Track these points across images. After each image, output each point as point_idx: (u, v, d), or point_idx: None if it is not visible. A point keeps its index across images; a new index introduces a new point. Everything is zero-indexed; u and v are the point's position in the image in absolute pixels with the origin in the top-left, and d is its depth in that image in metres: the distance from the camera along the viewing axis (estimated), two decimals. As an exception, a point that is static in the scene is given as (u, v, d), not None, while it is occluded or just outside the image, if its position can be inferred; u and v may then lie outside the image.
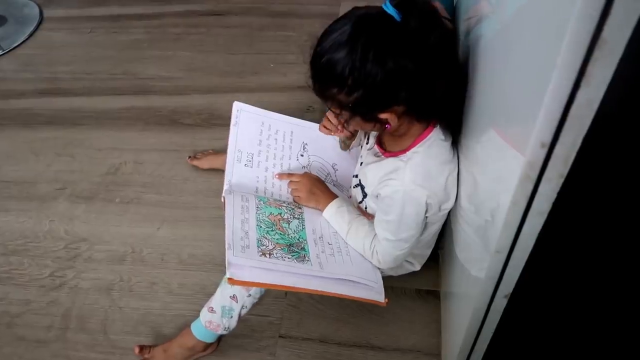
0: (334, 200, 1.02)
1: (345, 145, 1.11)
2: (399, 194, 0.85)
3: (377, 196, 0.92)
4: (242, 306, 0.98)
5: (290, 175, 1.09)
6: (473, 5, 0.95)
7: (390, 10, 0.74)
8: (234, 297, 0.97)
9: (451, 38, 0.82)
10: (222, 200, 0.98)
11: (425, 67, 0.75)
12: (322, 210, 1.03)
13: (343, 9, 1.98)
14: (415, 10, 0.74)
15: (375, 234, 0.95)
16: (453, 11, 1.22)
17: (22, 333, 1.17)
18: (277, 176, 1.09)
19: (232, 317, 0.99)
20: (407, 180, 0.84)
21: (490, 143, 0.67)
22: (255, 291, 0.98)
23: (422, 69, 0.75)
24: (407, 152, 0.87)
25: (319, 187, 1.05)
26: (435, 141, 0.86)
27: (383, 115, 0.80)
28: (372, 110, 0.80)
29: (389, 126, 0.83)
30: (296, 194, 1.06)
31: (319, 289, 0.87)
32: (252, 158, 1.08)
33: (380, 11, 0.75)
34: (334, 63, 0.76)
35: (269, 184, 1.06)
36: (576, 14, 0.35)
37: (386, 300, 0.92)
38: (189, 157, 1.46)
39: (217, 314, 0.99)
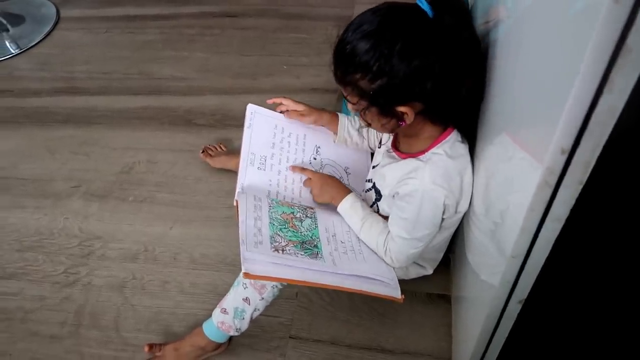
0: (349, 195, 1.01)
1: (339, 140, 1.14)
2: (418, 193, 0.85)
3: (393, 196, 0.92)
4: (255, 308, 0.99)
5: (303, 169, 1.09)
6: (490, 8, 0.95)
7: (424, 5, 0.74)
8: (246, 300, 0.98)
9: (479, 40, 0.82)
10: (235, 203, 0.98)
11: (452, 66, 0.75)
12: (336, 205, 1.01)
13: (357, 12, 1.98)
14: (449, 8, 0.75)
15: (389, 232, 0.94)
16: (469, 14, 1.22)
17: (35, 329, 1.19)
18: (290, 168, 1.09)
19: (243, 318, 0.99)
20: (427, 180, 0.84)
21: (506, 147, 0.67)
22: (268, 294, 0.98)
23: (449, 67, 0.75)
24: (427, 153, 0.87)
25: (331, 184, 1.05)
26: (455, 143, 0.86)
27: (401, 108, 0.80)
28: (392, 101, 0.80)
29: (403, 123, 0.83)
30: (309, 187, 1.06)
31: (334, 284, 0.87)
32: (265, 161, 1.08)
33: (413, 6, 0.75)
34: (361, 48, 0.76)
35: (282, 187, 1.06)
36: (601, 21, 0.35)
37: (402, 296, 0.91)
38: (202, 151, 1.47)
39: (230, 315, 0.99)
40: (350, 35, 0.79)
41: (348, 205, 1.00)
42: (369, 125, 0.89)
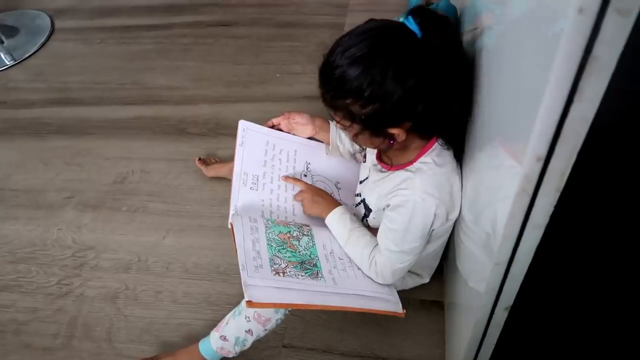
0: (338, 207, 1.00)
1: (332, 150, 1.14)
2: (410, 203, 0.84)
3: (384, 209, 0.91)
4: (257, 337, 0.99)
5: (296, 180, 1.09)
6: (477, 16, 0.95)
7: (413, 26, 0.74)
8: (249, 331, 0.97)
9: (469, 62, 0.81)
10: (230, 226, 0.97)
11: (442, 87, 0.75)
12: (324, 218, 1.01)
13: (349, 20, 2.00)
14: (438, 29, 0.74)
15: (376, 245, 0.93)
16: (457, 22, 1.23)
17: (28, 341, 1.19)
18: (282, 178, 1.09)
19: (245, 345, 0.99)
20: (417, 190, 0.83)
21: (492, 155, 0.67)
22: (271, 326, 0.98)
23: (439, 88, 0.75)
24: (415, 163, 0.87)
25: (321, 195, 1.05)
26: (441, 151, 0.86)
27: (393, 130, 0.80)
28: (384, 124, 0.80)
29: (394, 142, 0.83)
30: (300, 201, 1.06)
31: (338, 305, 0.87)
32: (258, 180, 1.08)
33: (401, 26, 0.75)
34: (352, 73, 0.75)
35: (275, 207, 1.06)
36: (567, 32, 0.36)
37: (404, 310, 0.91)
38: (199, 158, 1.47)
39: (230, 343, 0.99)
40: (338, 59, 0.77)
41: (336, 217, 0.99)
42: (362, 147, 0.88)
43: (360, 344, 1.12)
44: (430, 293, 1.17)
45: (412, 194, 0.84)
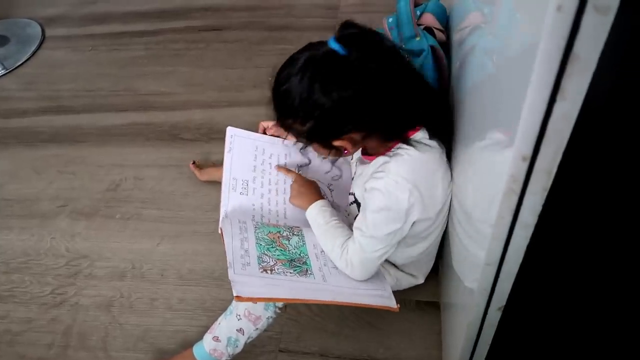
0: (319, 201, 1.00)
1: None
2: (383, 187, 0.84)
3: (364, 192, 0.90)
4: (249, 337, 0.98)
5: (288, 171, 1.10)
6: (466, 15, 0.95)
7: (334, 45, 0.78)
8: (240, 330, 0.97)
9: (399, 62, 0.85)
10: (220, 231, 0.97)
11: (370, 94, 0.79)
12: (306, 210, 1.00)
13: (341, 20, 2.00)
14: (356, 43, 0.78)
15: (352, 237, 0.91)
16: (447, 21, 1.23)
17: (23, 351, 1.18)
18: (276, 168, 1.11)
19: (237, 346, 0.99)
20: (392, 172, 0.84)
21: (479, 154, 0.67)
22: (262, 325, 0.97)
23: (367, 97, 0.79)
24: (393, 149, 0.87)
25: (308, 188, 1.04)
26: (421, 139, 0.86)
27: (337, 143, 0.85)
28: (326, 138, 0.85)
29: (346, 152, 0.87)
30: (291, 191, 1.07)
31: (328, 299, 0.86)
32: (247, 185, 1.08)
33: (327, 47, 0.79)
34: (287, 95, 0.81)
35: (265, 211, 1.06)
36: (547, 30, 0.35)
37: (398, 305, 0.89)
38: (193, 162, 1.47)
39: (222, 344, 0.98)
40: (278, 81, 0.84)
41: (316, 210, 0.98)
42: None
43: (356, 346, 1.11)
44: (425, 294, 1.16)
45: (387, 176, 0.84)
